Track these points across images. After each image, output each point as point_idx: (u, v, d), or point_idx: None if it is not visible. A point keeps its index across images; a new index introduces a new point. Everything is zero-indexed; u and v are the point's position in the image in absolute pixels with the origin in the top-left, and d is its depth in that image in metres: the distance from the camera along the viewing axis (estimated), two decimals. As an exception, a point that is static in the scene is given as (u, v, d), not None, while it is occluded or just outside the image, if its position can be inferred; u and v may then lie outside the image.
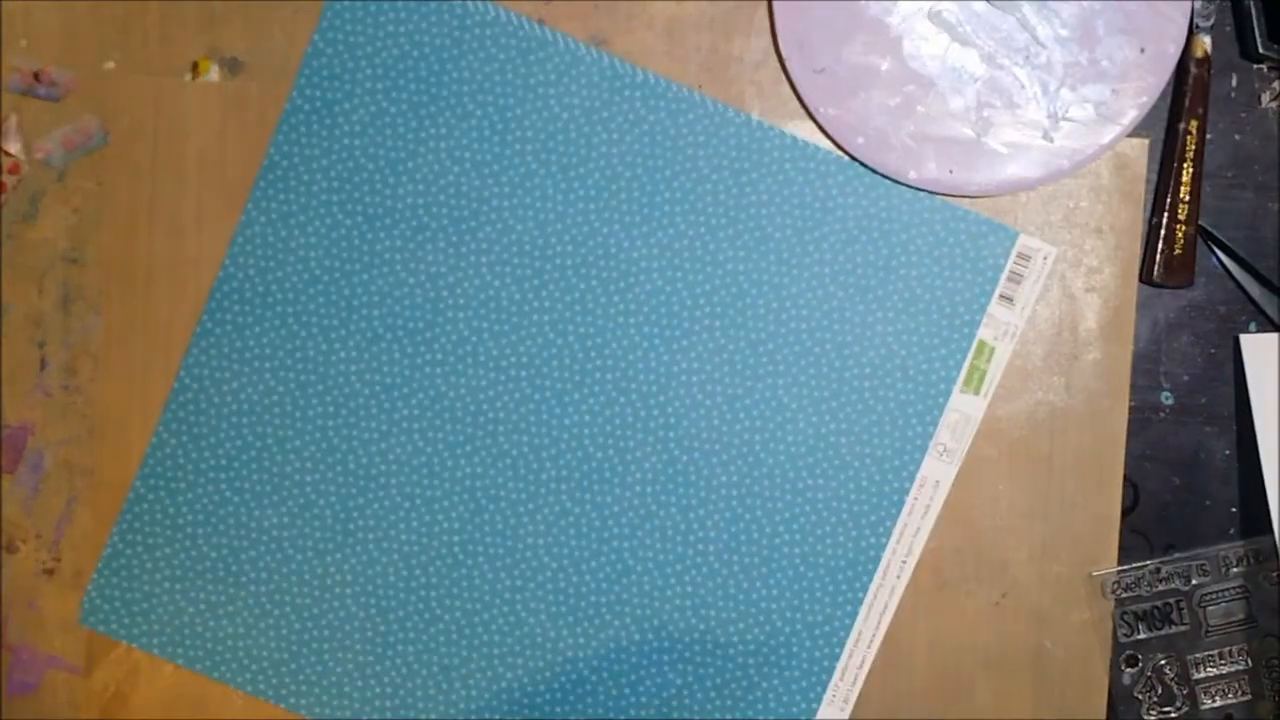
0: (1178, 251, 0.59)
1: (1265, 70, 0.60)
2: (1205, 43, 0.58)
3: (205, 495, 0.60)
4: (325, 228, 0.60)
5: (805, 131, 0.59)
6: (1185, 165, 0.58)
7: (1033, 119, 0.57)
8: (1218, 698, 0.60)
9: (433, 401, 0.60)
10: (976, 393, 0.59)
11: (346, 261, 0.60)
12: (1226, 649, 0.60)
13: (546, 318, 0.59)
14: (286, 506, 0.60)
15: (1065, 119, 0.57)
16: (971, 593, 0.60)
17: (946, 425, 0.59)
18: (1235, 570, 0.60)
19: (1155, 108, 0.59)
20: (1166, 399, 0.60)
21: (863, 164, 0.58)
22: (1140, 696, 0.60)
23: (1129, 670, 0.60)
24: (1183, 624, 0.60)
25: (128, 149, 0.60)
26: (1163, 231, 0.59)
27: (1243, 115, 0.60)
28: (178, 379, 0.60)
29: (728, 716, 0.60)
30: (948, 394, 0.59)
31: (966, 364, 0.59)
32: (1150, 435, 0.60)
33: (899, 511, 0.59)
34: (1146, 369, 0.60)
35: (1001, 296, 0.59)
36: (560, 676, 0.60)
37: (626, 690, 0.60)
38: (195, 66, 0.60)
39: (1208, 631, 0.60)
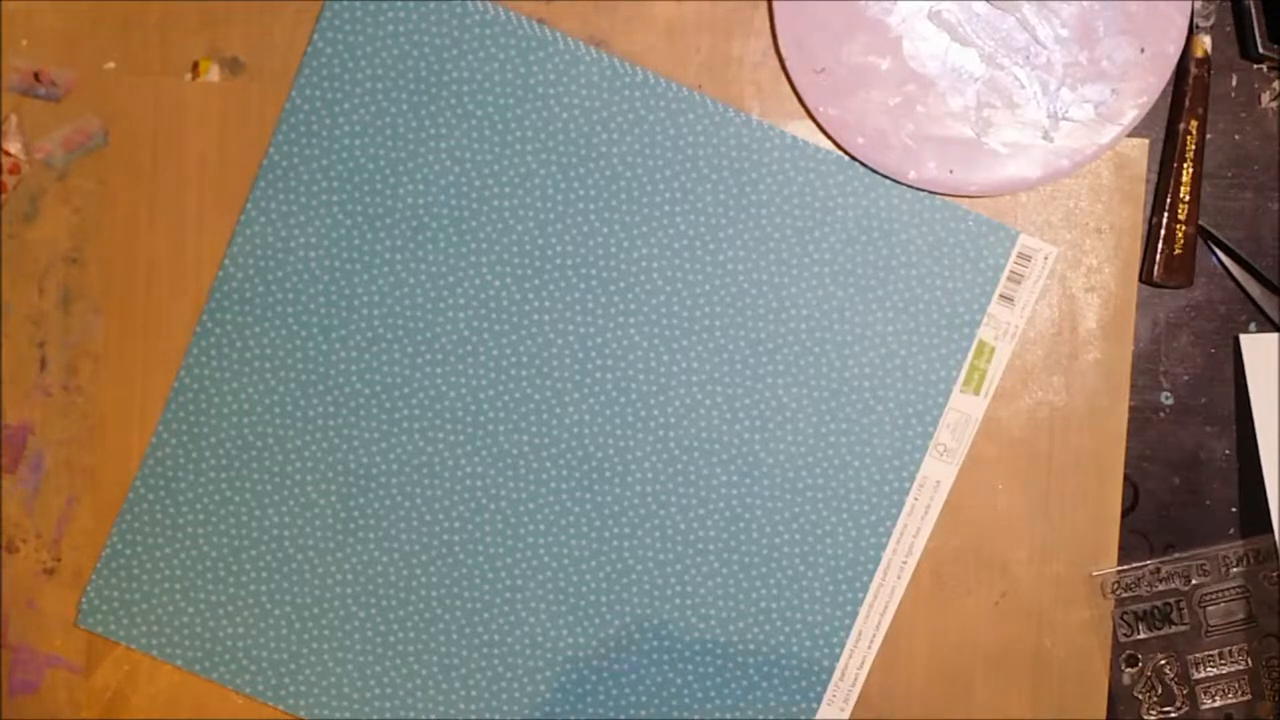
0: (1178, 251, 0.59)
1: (1265, 70, 0.60)
2: (1205, 43, 0.58)
3: (205, 495, 0.60)
4: (325, 228, 0.60)
5: (805, 131, 0.59)
6: (1185, 165, 0.58)
7: (1033, 119, 0.57)
8: (1218, 698, 0.60)
9: (433, 401, 0.60)
10: (976, 393, 0.59)
11: (346, 261, 0.60)
12: (1226, 649, 0.60)
13: (546, 318, 0.59)
14: (287, 506, 0.60)
15: (1065, 119, 0.57)
16: (971, 593, 0.60)
17: (946, 425, 0.59)
18: (1235, 570, 0.60)
19: (1155, 108, 0.59)
20: (1166, 399, 0.60)
21: (863, 164, 0.58)
22: (1140, 696, 0.60)
23: (1129, 670, 0.60)
24: (1183, 624, 0.60)
25: (128, 149, 0.60)
26: (1163, 231, 0.59)
27: (1243, 115, 0.60)
28: (178, 379, 0.60)
29: (728, 716, 0.60)
30: (948, 394, 0.59)
31: (966, 364, 0.59)
32: (1150, 435, 0.60)
33: (899, 511, 0.59)
34: (1146, 369, 0.60)
35: (1001, 296, 0.59)
36: (560, 676, 0.60)
37: (626, 690, 0.60)
38: (195, 66, 0.60)
39: (1208, 631, 0.60)
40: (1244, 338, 0.59)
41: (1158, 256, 0.59)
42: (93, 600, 0.61)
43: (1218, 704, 0.60)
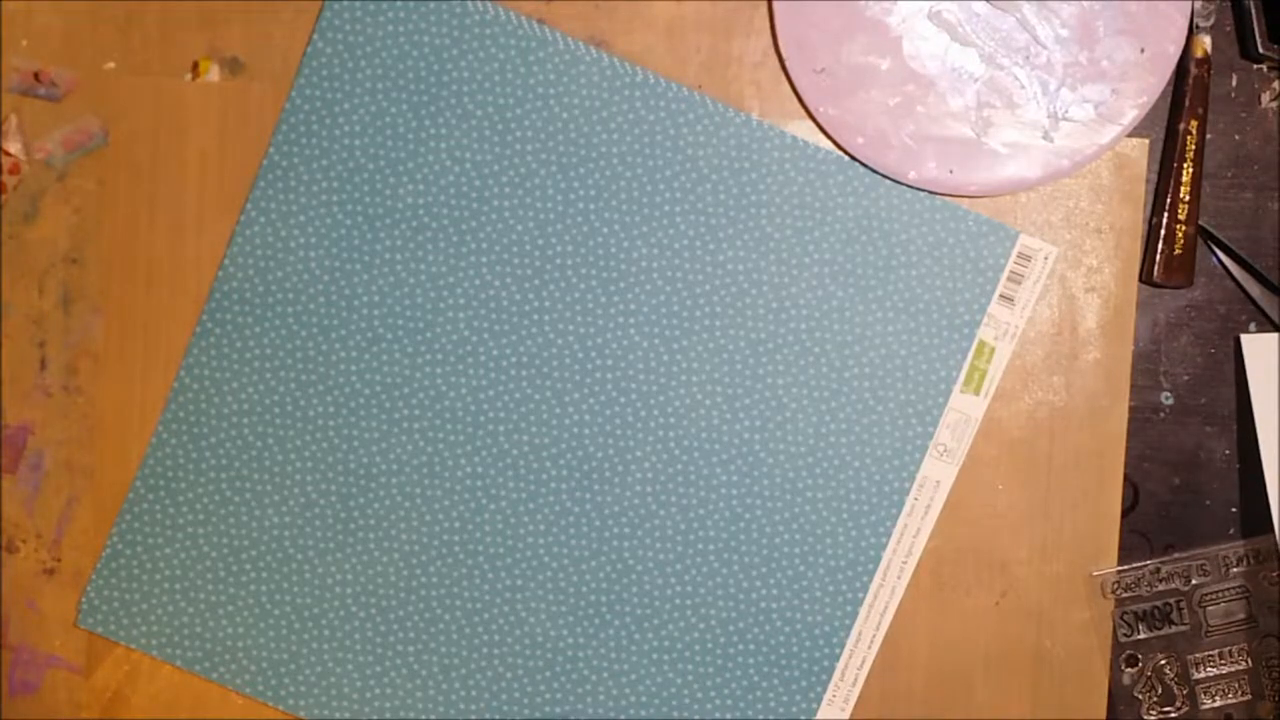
0: (1178, 251, 0.59)
1: (1265, 70, 0.60)
2: (1205, 43, 0.58)
3: (205, 495, 0.60)
4: (325, 228, 0.60)
5: (805, 131, 0.59)
6: (1185, 165, 0.58)
7: (1033, 119, 0.57)
8: (1218, 698, 0.60)
9: (433, 401, 0.60)
10: (976, 393, 0.59)
11: (346, 261, 0.60)
12: (1226, 649, 0.60)
13: (546, 318, 0.59)
14: (287, 506, 0.60)
15: (1065, 119, 0.57)
16: (971, 593, 0.60)
17: (946, 425, 0.59)
18: (1235, 570, 0.60)
19: (1155, 108, 0.59)
20: (1166, 399, 0.60)
21: (863, 164, 0.58)
22: (1140, 696, 0.60)
23: (1129, 670, 0.60)
24: (1183, 624, 0.60)
25: (128, 149, 0.60)
26: (1163, 231, 0.59)
27: (1243, 115, 0.60)
28: (178, 379, 0.60)
29: (728, 716, 0.60)
30: (948, 394, 0.59)
31: (966, 364, 0.59)
32: (1150, 435, 0.60)
33: (899, 511, 0.59)
34: (1146, 369, 0.60)
35: (1001, 296, 0.59)
36: (560, 676, 0.60)
37: (626, 690, 0.60)
38: (195, 66, 0.60)
39: (1208, 631, 0.60)
40: (1244, 338, 0.59)
41: (1158, 256, 0.59)
42: (93, 600, 0.61)
43: (1218, 704, 0.60)
